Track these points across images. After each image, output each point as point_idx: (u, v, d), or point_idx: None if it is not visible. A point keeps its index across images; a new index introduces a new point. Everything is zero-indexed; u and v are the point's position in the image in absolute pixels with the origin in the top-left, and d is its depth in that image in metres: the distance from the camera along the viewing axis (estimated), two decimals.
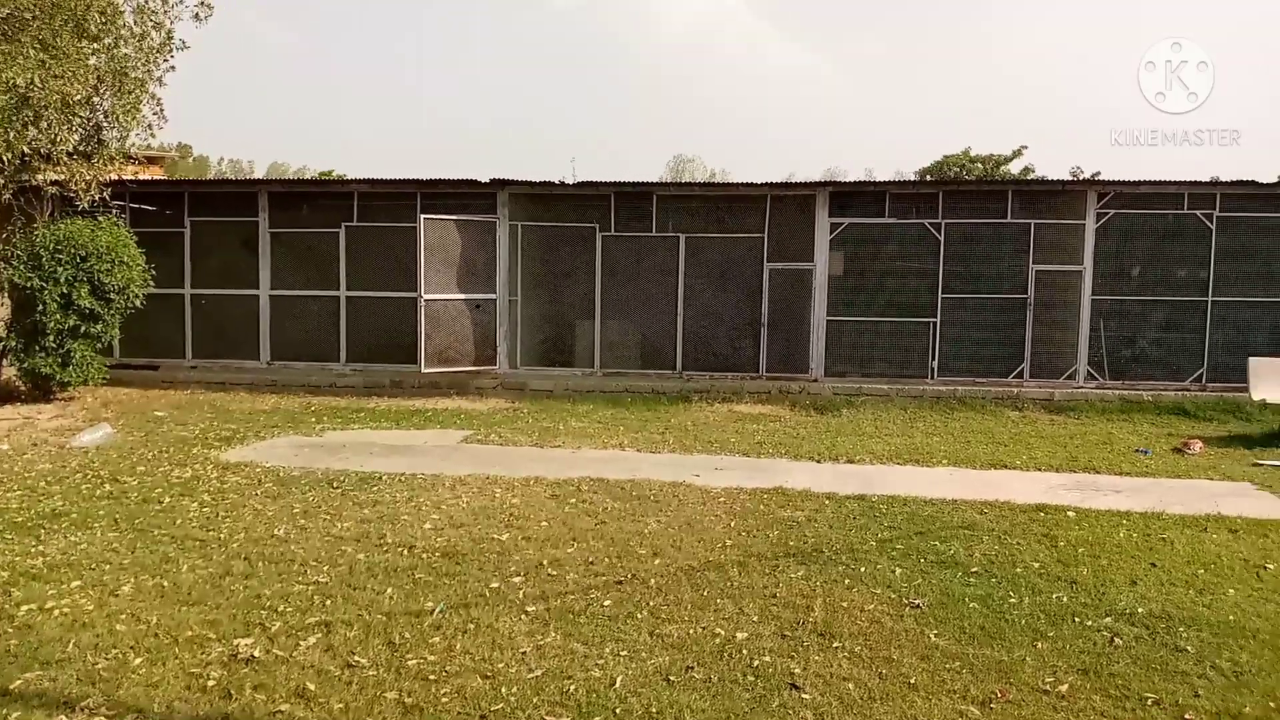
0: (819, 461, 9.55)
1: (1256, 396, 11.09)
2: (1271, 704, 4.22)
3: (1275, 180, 13.77)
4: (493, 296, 13.96)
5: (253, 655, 4.59)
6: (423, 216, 13.39)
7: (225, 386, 14.10)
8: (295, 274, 14.51)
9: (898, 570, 5.98)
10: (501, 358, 14.11)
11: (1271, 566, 6.17)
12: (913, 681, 4.40)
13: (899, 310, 13.81)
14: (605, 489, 8.08)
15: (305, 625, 5.00)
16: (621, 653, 4.69)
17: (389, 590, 5.53)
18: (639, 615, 5.18)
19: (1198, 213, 13.24)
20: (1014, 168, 30.14)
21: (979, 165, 29.78)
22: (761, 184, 13.94)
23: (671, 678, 4.42)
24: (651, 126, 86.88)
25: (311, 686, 4.29)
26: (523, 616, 5.15)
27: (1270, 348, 12.88)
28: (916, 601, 5.41)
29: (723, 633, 4.94)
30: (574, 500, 7.69)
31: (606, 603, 5.36)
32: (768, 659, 4.63)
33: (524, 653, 4.68)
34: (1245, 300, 13.24)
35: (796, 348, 13.97)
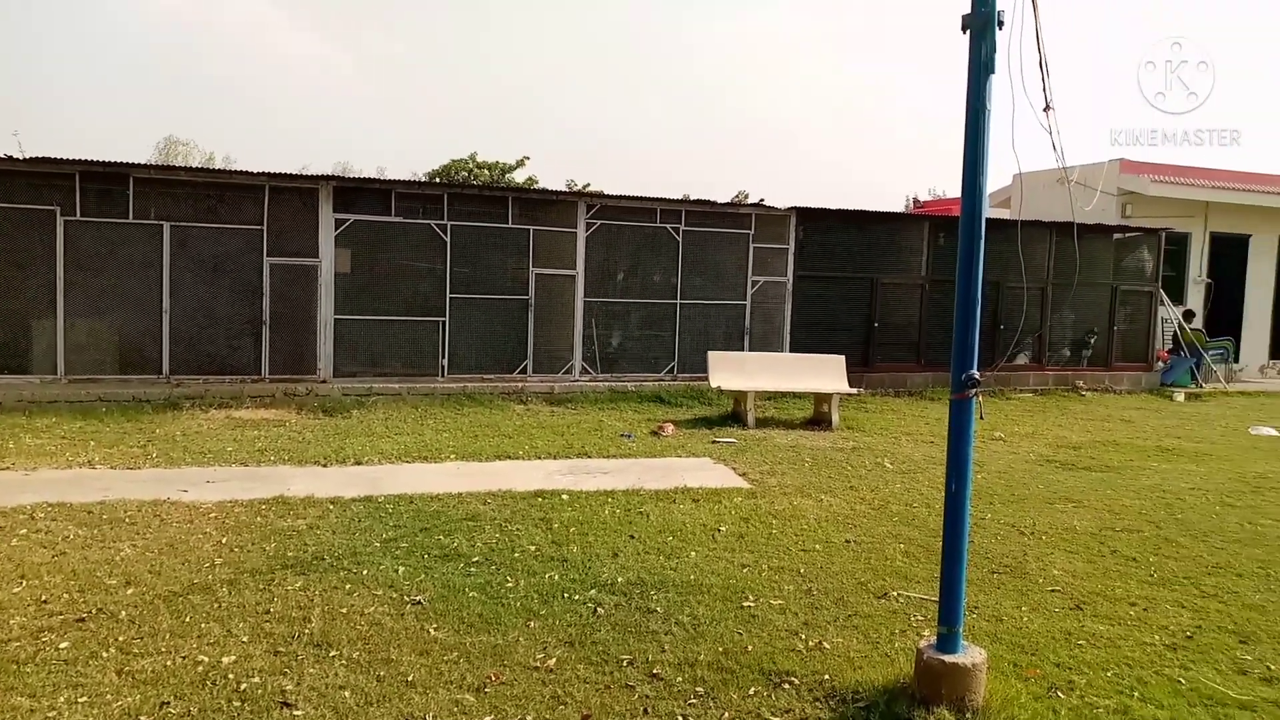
0: (325, 465, 9.20)
1: (714, 384, 13.00)
2: (720, 649, 4.90)
3: (726, 202, 16.30)
4: None
5: None
6: None
7: None
8: None
9: (401, 569, 5.95)
10: None
11: (724, 529, 7.21)
12: (411, 679, 4.39)
13: (410, 309, 13.88)
14: (67, 514, 6.95)
15: None
16: (80, 699, 4.06)
17: None
18: (105, 654, 4.52)
19: (668, 226, 15.16)
20: (519, 176, 31.92)
21: (485, 171, 31.04)
22: (259, 173, 13.07)
23: (143, 718, 3.92)
24: (141, 104, 76.63)
25: None
26: None
27: (725, 343, 15.29)
28: (418, 598, 5.43)
29: (207, 659, 4.51)
30: (25, 531, 6.50)
31: (63, 645, 4.60)
32: (257, 680, 4.31)
33: None
34: (705, 303, 15.47)
35: (303, 347, 13.36)
